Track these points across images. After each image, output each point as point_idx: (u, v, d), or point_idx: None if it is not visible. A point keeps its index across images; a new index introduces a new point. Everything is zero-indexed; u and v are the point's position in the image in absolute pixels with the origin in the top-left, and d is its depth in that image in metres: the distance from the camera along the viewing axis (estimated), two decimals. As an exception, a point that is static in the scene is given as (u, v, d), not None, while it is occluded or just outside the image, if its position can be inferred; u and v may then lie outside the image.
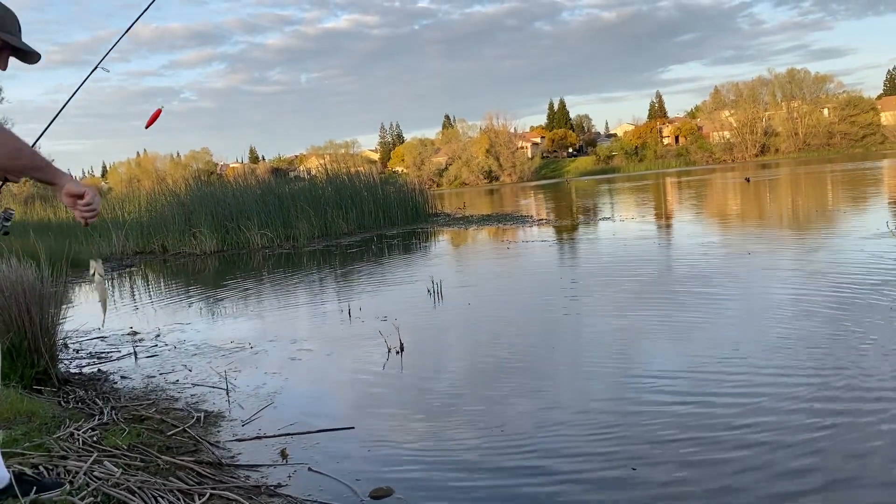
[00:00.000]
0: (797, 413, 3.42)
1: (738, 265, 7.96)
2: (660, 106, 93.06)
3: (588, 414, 3.70)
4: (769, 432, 3.22)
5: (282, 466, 3.28)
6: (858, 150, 60.29)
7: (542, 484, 2.91)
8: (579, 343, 5.31)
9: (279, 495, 2.96)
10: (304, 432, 3.70)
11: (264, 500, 2.88)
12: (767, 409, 3.52)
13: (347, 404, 4.26)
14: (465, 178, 71.92)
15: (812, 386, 3.79)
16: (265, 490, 2.99)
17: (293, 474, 3.19)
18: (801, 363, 4.20)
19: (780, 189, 22.06)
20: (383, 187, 20.73)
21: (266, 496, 2.94)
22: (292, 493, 2.97)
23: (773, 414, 3.44)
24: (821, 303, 5.66)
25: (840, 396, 3.60)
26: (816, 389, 3.73)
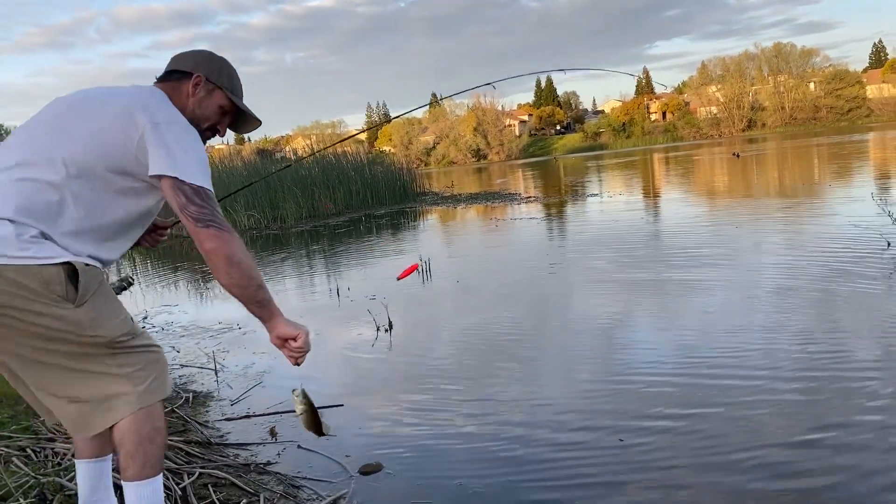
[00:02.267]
0: (782, 383, 3.45)
1: (726, 239, 7.99)
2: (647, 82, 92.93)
3: (576, 388, 3.72)
4: (755, 404, 3.25)
5: (271, 445, 3.29)
6: (844, 124, 60.52)
7: (530, 457, 2.92)
8: (567, 319, 5.33)
9: (268, 473, 2.96)
10: (292, 411, 3.68)
11: (254, 478, 2.88)
12: (753, 380, 3.54)
13: (337, 382, 4.26)
14: (453, 157, 71.78)
15: (797, 357, 3.82)
16: (254, 468, 2.99)
17: (282, 452, 3.19)
18: (788, 334, 4.23)
19: (768, 163, 22.12)
20: (370, 167, 20.64)
21: (255, 474, 2.94)
22: (282, 471, 2.97)
23: (760, 385, 3.46)
24: (807, 275, 5.69)
25: (826, 367, 3.63)
26: (802, 360, 3.76)
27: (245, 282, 1.87)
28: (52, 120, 1.94)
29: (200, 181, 1.85)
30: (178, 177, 1.83)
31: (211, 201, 1.86)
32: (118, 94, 1.98)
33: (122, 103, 1.91)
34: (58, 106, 1.98)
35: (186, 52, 2.18)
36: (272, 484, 2.83)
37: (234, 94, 2.17)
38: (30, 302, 1.73)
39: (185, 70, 2.09)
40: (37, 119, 1.98)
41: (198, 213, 1.82)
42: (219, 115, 2.15)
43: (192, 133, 1.94)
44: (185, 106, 2.05)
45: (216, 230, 1.83)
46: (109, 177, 1.89)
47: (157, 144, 1.85)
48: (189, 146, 1.89)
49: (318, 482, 2.83)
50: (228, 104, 2.16)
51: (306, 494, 2.76)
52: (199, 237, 1.83)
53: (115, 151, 1.87)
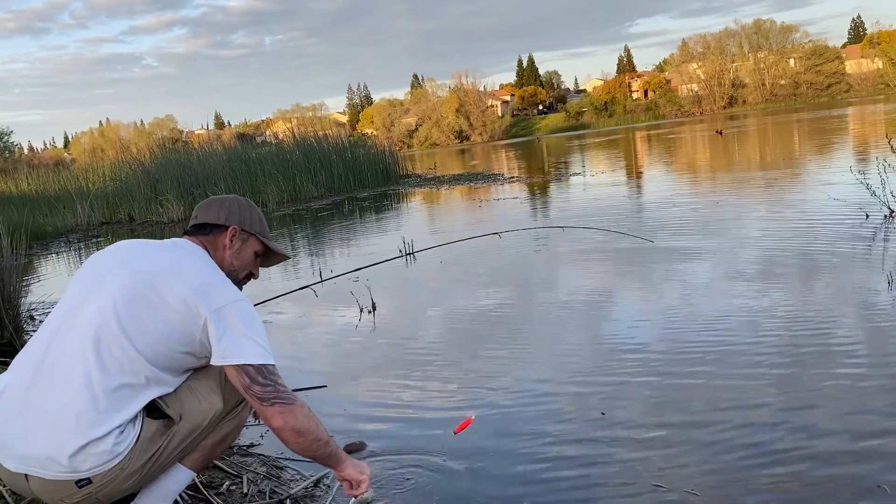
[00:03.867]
0: (763, 357, 3.47)
1: (708, 215, 8.01)
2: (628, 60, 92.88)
3: (558, 364, 3.72)
4: (735, 375, 3.27)
5: (254, 427, 3.26)
6: (824, 99, 60.84)
7: (513, 433, 2.93)
8: (549, 297, 5.33)
9: (252, 455, 2.95)
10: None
11: (237, 460, 2.86)
12: (734, 353, 3.56)
13: (320, 364, 4.25)
14: (435, 139, 71.55)
15: (778, 331, 3.85)
16: (237, 450, 2.98)
17: (266, 434, 3.18)
18: (769, 307, 4.25)
19: (751, 140, 22.21)
20: (352, 150, 20.51)
21: (238, 456, 2.93)
22: (265, 452, 2.96)
23: (740, 359, 3.49)
24: (788, 249, 5.73)
25: (805, 338, 3.66)
26: (783, 333, 3.79)
27: (314, 446, 2.01)
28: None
29: (262, 359, 1.94)
30: (242, 363, 1.92)
31: (273, 376, 1.95)
32: (170, 276, 1.99)
33: (180, 297, 1.94)
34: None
35: (213, 200, 2.25)
36: (255, 465, 2.83)
37: (266, 236, 2.27)
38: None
39: (218, 223, 2.17)
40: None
41: (262, 393, 1.92)
42: (254, 260, 2.26)
43: (247, 306, 2.03)
44: (223, 259, 2.15)
45: (280, 406, 1.93)
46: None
47: (218, 334, 1.92)
48: (249, 324, 1.98)
49: (302, 462, 2.81)
50: (262, 248, 2.27)
51: (289, 475, 2.75)
52: (265, 415, 1.94)
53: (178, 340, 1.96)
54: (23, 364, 1.94)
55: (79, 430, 1.80)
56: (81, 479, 1.82)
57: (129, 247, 2.14)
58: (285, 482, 2.68)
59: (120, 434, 1.85)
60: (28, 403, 1.86)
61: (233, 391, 2.11)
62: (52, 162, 48.21)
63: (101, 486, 1.86)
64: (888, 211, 6.45)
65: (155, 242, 2.16)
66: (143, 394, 1.91)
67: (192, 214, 2.26)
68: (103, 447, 1.82)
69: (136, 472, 1.91)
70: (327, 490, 2.57)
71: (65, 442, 1.80)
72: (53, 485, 1.83)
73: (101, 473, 1.84)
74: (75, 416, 1.81)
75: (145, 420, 1.92)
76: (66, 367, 1.87)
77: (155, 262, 2.04)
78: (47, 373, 1.88)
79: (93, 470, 1.82)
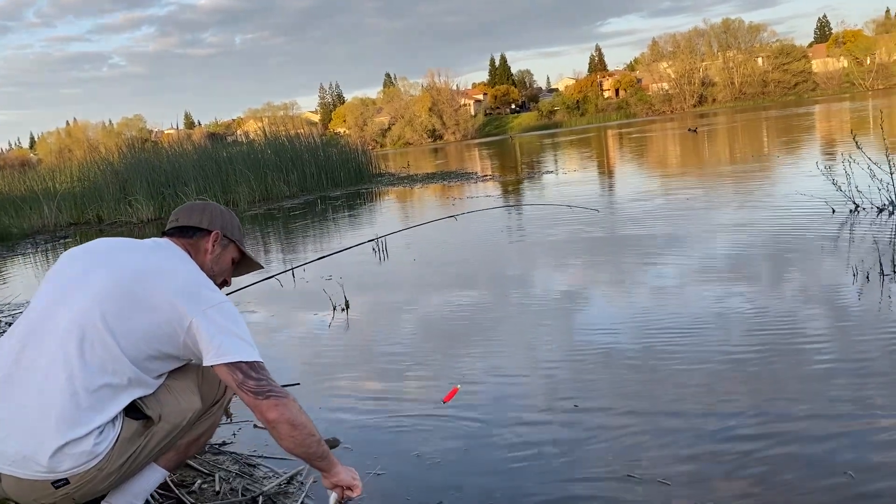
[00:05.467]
0: (731, 347, 3.52)
1: (680, 211, 8.09)
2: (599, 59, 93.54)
3: (531, 359, 3.74)
4: (704, 367, 3.31)
5: (226, 425, 3.23)
6: (792, 98, 61.81)
7: (487, 426, 2.93)
8: (523, 294, 5.35)
9: (224, 453, 2.92)
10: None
11: (209, 459, 2.84)
12: (703, 345, 3.60)
13: (293, 362, 4.22)
14: (408, 138, 71.47)
15: (746, 321, 3.90)
16: (210, 449, 2.95)
17: (238, 432, 3.16)
18: (737, 300, 4.31)
19: (723, 138, 22.47)
20: (325, 149, 20.40)
21: (210, 454, 2.90)
22: (237, 450, 2.94)
23: (708, 350, 3.53)
24: (757, 244, 5.81)
25: (773, 329, 3.71)
26: (750, 323, 3.84)
27: (308, 441, 2.01)
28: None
29: (253, 356, 1.96)
30: (235, 360, 1.92)
31: (264, 371, 1.98)
32: (156, 277, 1.99)
33: (165, 298, 1.93)
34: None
35: (195, 205, 2.28)
36: (227, 463, 2.80)
37: (244, 244, 2.32)
38: None
39: (201, 227, 2.20)
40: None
41: (257, 387, 1.93)
42: (230, 267, 2.29)
43: (232, 306, 2.03)
44: (204, 263, 2.17)
45: (275, 399, 1.94)
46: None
47: (209, 334, 1.92)
48: (236, 323, 1.99)
49: (275, 460, 2.80)
50: (239, 256, 2.31)
51: (262, 472, 2.73)
52: (260, 408, 1.93)
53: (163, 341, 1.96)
54: None
55: (59, 429, 1.77)
56: (59, 480, 1.79)
57: (109, 245, 2.11)
58: (258, 480, 2.66)
59: (100, 434, 1.83)
60: (4, 399, 1.82)
61: (209, 391, 2.10)
62: (18, 162, 47.35)
63: (78, 487, 1.83)
64: (853, 205, 6.56)
65: (136, 242, 2.14)
66: (124, 394, 1.89)
67: (170, 217, 2.26)
68: (83, 448, 1.79)
69: (114, 473, 1.88)
70: (300, 487, 2.56)
71: (44, 441, 1.77)
72: (28, 485, 1.79)
73: (79, 474, 1.81)
74: (55, 416, 1.78)
75: (125, 420, 1.90)
76: (45, 366, 1.83)
77: (139, 261, 2.03)
78: (24, 371, 1.84)
79: (71, 470, 1.79)
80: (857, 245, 5.35)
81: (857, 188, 6.54)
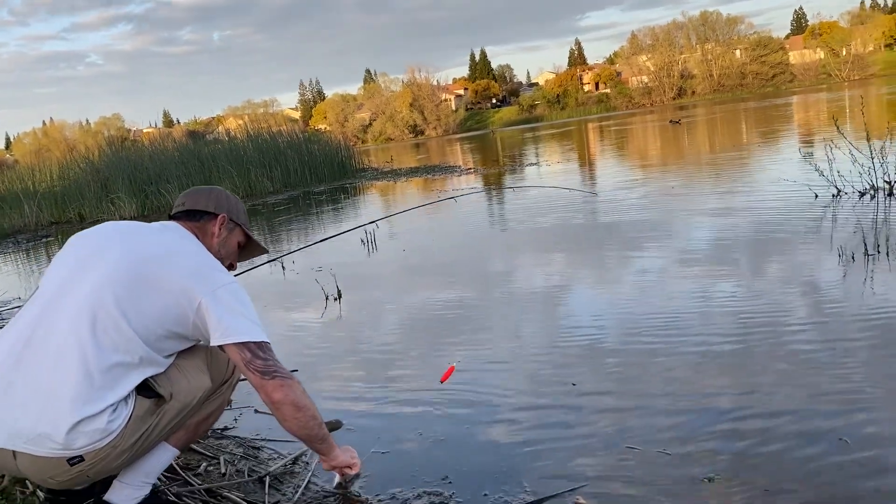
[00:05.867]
0: (717, 328, 3.59)
1: (665, 201, 8.18)
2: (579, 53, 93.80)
3: (527, 341, 3.79)
4: (696, 345, 3.37)
5: (227, 411, 3.25)
6: (770, 89, 62.37)
7: (486, 406, 2.98)
8: (510, 281, 5.40)
9: (227, 437, 2.94)
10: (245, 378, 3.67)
11: (212, 443, 2.86)
12: (693, 325, 3.67)
13: (289, 350, 4.23)
14: (390, 134, 71.36)
15: (732, 300, 3.97)
16: (213, 434, 2.97)
17: (239, 417, 3.18)
18: (723, 282, 4.39)
19: (704, 129, 22.67)
20: (307, 145, 20.34)
21: (213, 439, 2.92)
22: (240, 434, 2.96)
23: (699, 329, 3.60)
24: (740, 228, 5.91)
25: (762, 309, 3.79)
26: (736, 303, 3.92)
27: (311, 423, 2.07)
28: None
29: (261, 337, 2.00)
30: (243, 340, 1.96)
31: (271, 353, 2.02)
32: (166, 259, 2.01)
33: (175, 280, 1.95)
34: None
35: (201, 189, 2.32)
36: (231, 447, 2.82)
37: (249, 228, 2.35)
38: None
39: (208, 210, 2.23)
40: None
41: (264, 367, 1.97)
42: (236, 251, 2.32)
43: (238, 287, 2.06)
44: (211, 246, 2.20)
45: (280, 380, 1.98)
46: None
47: (217, 314, 1.95)
48: (245, 304, 2.02)
49: (278, 442, 2.83)
50: (245, 239, 2.35)
51: (267, 454, 2.76)
52: (265, 388, 1.98)
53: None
54: (7, 342, 1.91)
55: (73, 407, 1.79)
56: (74, 457, 1.81)
57: (118, 227, 2.13)
58: (263, 461, 2.69)
59: (113, 412, 1.85)
60: (16, 380, 1.84)
61: (218, 371, 2.13)
62: (-6, 163, 46.70)
63: (93, 464, 1.85)
64: (835, 190, 6.67)
65: (144, 225, 2.16)
66: (136, 373, 1.91)
67: (176, 201, 2.29)
68: (97, 425, 1.81)
69: (127, 450, 1.90)
70: (306, 467, 2.59)
71: (59, 419, 1.79)
72: (44, 462, 1.81)
73: (94, 451, 1.83)
74: (70, 394, 1.80)
75: (137, 399, 1.92)
76: (58, 345, 1.85)
77: (149, 244, 2.05)
78: (37, 350, 1.86)
79: (86, 448, 1.81)
80: (841, 227, 5.45)
81: (839, 173, 6.65)
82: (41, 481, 1.95)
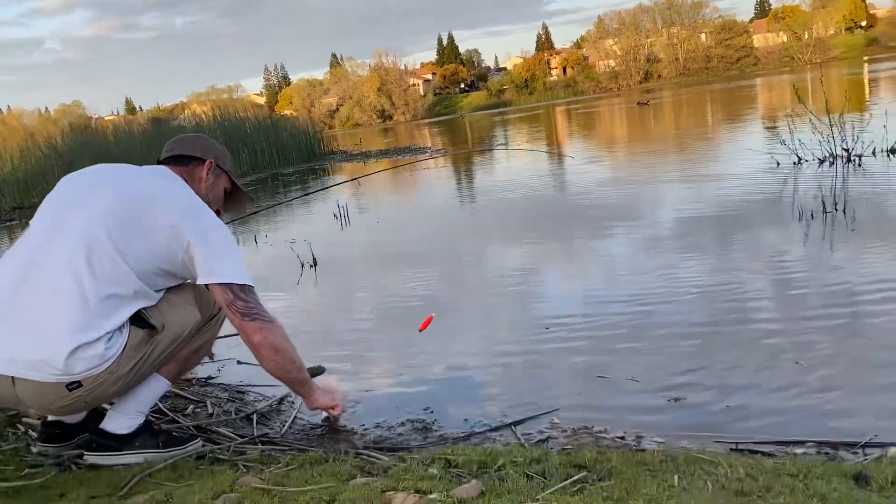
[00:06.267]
0: (685, 276, 3.74)
1: (638, 177, 8.36)
2: (546, 38, 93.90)
3: (502, 292, 3.90)
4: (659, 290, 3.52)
5: (209, 364, 3.31)
6: (734, 72, 63.13)
7: (462, 352, 3.09)
8: (483, 241, 5.52)
9: (212, 384, 3.01)
10: (224, 336, 3.72)
11: (197, 390, 2.92)
12: (658, 278, 3.82)
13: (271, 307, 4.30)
14: (357, 119, 70.93)
15: (695, 256, 4.13)
16: (196, 382, 3.04)
17: (222, 368, 3.25)
18: (687, 240, 4.55)
19: (674, 108, 22.98)
20: (275, 129, 20.22)
21: (198, 386, 2.98)
22: (224, 382, 3.03)
23: (664, 279, 3.74)
24: (708, 196, 6.09)
25: (720, 262, 3.95)
26: (700, 257, 4.07)
27: (289, 367, 2.14)
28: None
29: (245, 279, 2.04)
30: (227, 281, 2.01)
31: (253, 295, 2.06)
32: (157, 199, 2.06)
33: (166, 220, 2.00)
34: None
35: (188, 136, 2.37)
36: (217, 392, 2.90)
37: (235, 175, 2.39)
38: None
39: (196, 156, 2.27)
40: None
41: (245, 308, 2.02)
42: (222, 197, 2.37)
43: (226, 230, 2.12)
44: (199, 191, 2.23)
45: (261, 322, 2.04)
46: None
47: (204, 254, 2.01)
48: (230, 246, 2.08)
49: (262, 387, 2.90)
50: (230, 187, 2.39)
51: (252, 397, 2.84)
52: (245, 330, 2.03)
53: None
54: (4, 273, 1.97)
55: (71, 333, 1.85)
56: (72, 382, 1.87)
57: (109, 169, 2.20)
58: (249, 403, 2.77)
59: (109, 340, 1.91)
60: (14, 308, 1.89)
61: (206, 306, 2.20)
62: (-49, 152, 45.51)
63: (91, 390, 1.91)
64: (797, 158, 6.88)
65: (135, 167, 2.21)
66: (130, 304, 1.98)
67: (164, 148, 2.34)
68: (95, 351, 1.88)
69: (123, 378, 1.97)
70: (292, 406, 2.67)
71: (58, 345, 1.85)
72: (43, 388, 1.87)
73: (92, 377, 1.89)
74: (68, 321, 1.86)
75: (132, 329, 1.98)
76: (55, 275, 1.91)
77: (141, 185, 2.11)
78: (34, 281, 1.91)
79: (84, 373, 1.87)
80: (803, 190, 5.66)
81: (801, 142, 6.86)
82: (39, 408, 2.01)
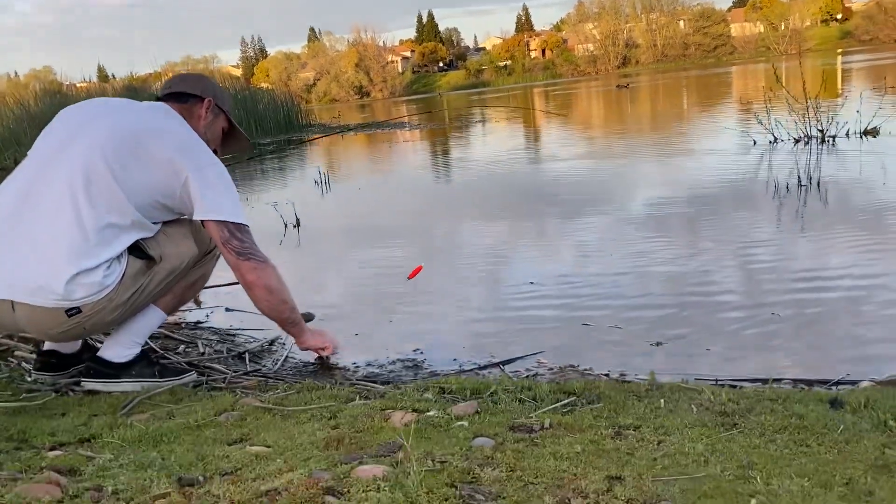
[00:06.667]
0: (667, 236, 3.85)
1: (615, 149, 8.47)
2: (526, 19, 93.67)
3: (488, 247, 3.98)
4: (641, 247, 3.62)
5: (197, 311, 3.36)
6: (711, 60, 63.64)
7: (451, 301, 3.16)
8: (459, 215, 5.60)
9: (201, 328, 3.05)
10: (212, 286, 3.76)
11: (187, 333, 2.96)
12: (640, 235, 3.92)
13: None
14: (335, 94, 70.39)
15: (675, 218, 4.24)
16: (186, 325, 3.07)
17: (210, 314, 3.28)
18: (667, 209, 4.66)
19: (654, 92, 23.15)
20: (252, 99, 20.01)
21: (188, 330, 3.02)
22: (214, 326, 3.08)
23: (645, 237, 3.85)
24: (686, 172, 6.22)
25: (699, 223, 4.07)
26: (679, 218, 4.19)
27: (281, 307, 2.18)
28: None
29: (241, 219, 2.08)
30: (223, 219, 2.05)
31: (248, 235, 2.11)
32: (156, 134, 2.08)
33: (164, 154, 2.03)
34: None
35: (188, 74, 2.42)
36: (207, 335, 2.94)
37: (233, 115, 2.41)
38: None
39: (195, 94, 2.28)
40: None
41: (240, 247, 2.07)
42: (220, 136, 2.38)
43: (224, 169, 2.14)
44: (198, 128, 2.24)
45: (255, 262, 2.09)
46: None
47: (201, 190, 2.04)
48: (227, 185, 2.10)
49: (252, 330, 2.95)
50: (228, 126, 2.40)
51: (243, 339, 2.89)
52: (240, 268, 2.08)
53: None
54: (4, 200, 1.99)
55: (71, 260, 1.88)
56: (72, 308, 1.91)
57: (108, 102, 2.22)
58: (240, 344, 2.82)
59: (108, 268, 1.95)
60: (14, 234, 1.92)
61: (202, 241, 2.24)
62: (-83, 113, 44.36)
63: (90, 316, 1.95)
64: (772, 138, 7.03)
65: (135, 102, 2.23)
66: (128, 234, 2.01)
67: (164, 84, 2.35)
68: (94, 278, 1.91)
69: (121, 306, 2.01)
70: (283, 346, 2.73)
71: (58, 271, 1.88)
72: (42, 313, 1.90)
73: (91, 303, 1.93)
74: (67, 248, 1.89)
75: (130, 258, 2.02)
76: (54, 203, 1.93)
77: (138, 118, 2.13)
78: (33, 208, 1.94)
79: (84, 299, 1.91)
80: (778, 166, 5.81)
81: (777, 121, 7.01)
82: (38, 333, 2.05)
